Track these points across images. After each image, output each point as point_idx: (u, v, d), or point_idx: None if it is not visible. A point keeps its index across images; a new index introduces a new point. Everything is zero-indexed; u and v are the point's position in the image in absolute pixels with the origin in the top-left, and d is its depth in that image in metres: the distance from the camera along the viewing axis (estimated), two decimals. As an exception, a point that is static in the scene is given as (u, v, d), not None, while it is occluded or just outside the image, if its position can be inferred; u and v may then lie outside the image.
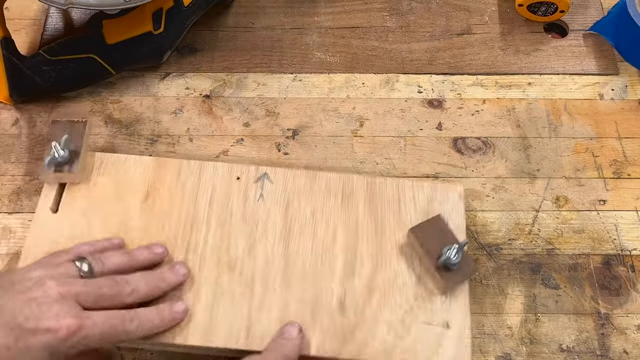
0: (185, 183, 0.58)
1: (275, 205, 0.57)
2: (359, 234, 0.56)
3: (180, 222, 0.56)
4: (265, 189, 0.58)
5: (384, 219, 0.57)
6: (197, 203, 0.57)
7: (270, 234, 0.56)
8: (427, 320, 0.52)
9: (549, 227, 0.60)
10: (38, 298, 0.45)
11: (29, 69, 0.63)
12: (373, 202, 0.58)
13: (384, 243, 0.56)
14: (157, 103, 0.67)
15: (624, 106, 0.68)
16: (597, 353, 0.54)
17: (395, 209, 0.57)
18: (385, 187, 0.58)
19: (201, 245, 0.55)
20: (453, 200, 0.58)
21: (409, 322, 0.52)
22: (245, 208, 0.57)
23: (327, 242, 0.56)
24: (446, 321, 0.52)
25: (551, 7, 0.71)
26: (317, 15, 0.74)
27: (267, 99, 0.68)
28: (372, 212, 0.57)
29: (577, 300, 0.57)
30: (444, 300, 0.53)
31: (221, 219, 0.56)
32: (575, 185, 0.63)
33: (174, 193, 0.57)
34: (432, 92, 0.68)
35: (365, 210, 0.57)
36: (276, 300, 0.53)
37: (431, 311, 0.53)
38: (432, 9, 0.75)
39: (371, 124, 0.66)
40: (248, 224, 0.56)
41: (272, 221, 0.56)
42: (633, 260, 0.59)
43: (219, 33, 0.72)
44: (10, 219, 0.60)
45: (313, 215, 0.57)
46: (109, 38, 0.65)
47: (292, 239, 0.56)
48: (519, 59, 0.71)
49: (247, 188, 0.58)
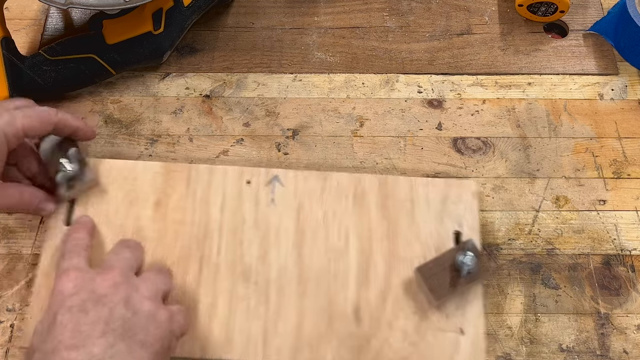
0: (196, 190, 0.57)
1: (286, 209, 0.56)
2: (372, 238, 0.55)
3: (193, 230, 0.55)
4: (276, 192, 0.57)
5: (397, 220, 0.56)
6: (209, 210, 0.56)
7: (283, 241, 0.55)
8: (442, 326, 0.52)
9: (548, 227, 0.60)
10: None
11: (29, 69, 0.63)
12: (385, 203, 0.57)
13: (397, 246, 0.55)
14: (157, 103, 0.67)
15: (624, 106, 0.68)
16: (597, 353, 0.54)
17: (408, 208, 0.56)
18: (398, 186, 0.57)
19: (214, 255, 0.54)
20: (466, 200, 0.57)
21: (424, 328, 0.52)
22: (257, 213, 0.56)
23: (340, 247, 0.55)
24: (460, 327, 0.52)
25: (551, 7, 0.71)
26: (317, 15, 0.74)
27: (267, 99, 0.68)
28: (384, 213, 0.56)
29: (577, 300, 0.57)
30: (458, 305, 0.53)
31: (233, 226, 0.56)
32: (575, 185, 0.63)
33: (185, 200, 0.57)
34: (432, 92, 0.68)
35: (378, 211, 0.56)
36: (292, 309, 0.52)
37: (446, 316, 0.52)
38: (432, 9, 0.75)
39: (371, 124, 0.66)
40: (260, 229, 0.56)
41: (285, 227, 0.56)
42: (633, 260, 0.59)
43: (219, 33, 0.72)
44: (10, 219, 0.60)
45: (325, 218, 0.56)
46: (109, 38, 0.65)
47: (304, 245, 0.55)
48: (519, 59, 0.71)
49: (258, 192, 0.57)
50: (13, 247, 0.58)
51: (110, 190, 0.57)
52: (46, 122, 0.52)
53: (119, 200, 0.56)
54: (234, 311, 0.52)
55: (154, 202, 0.56)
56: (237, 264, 0.54)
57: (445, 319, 0.52)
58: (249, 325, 0.52)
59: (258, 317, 0.52)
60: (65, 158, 0.55)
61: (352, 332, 0.52)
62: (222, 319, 0.52)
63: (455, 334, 0.52)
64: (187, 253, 0.54)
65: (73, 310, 0.44)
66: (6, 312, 0.55)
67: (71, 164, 0.55)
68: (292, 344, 0.51)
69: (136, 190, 0.57)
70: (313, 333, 0.52)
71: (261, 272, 0.54)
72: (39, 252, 0.58)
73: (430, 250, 0.55)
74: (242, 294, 0.53)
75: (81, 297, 0.45)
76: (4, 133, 0.50)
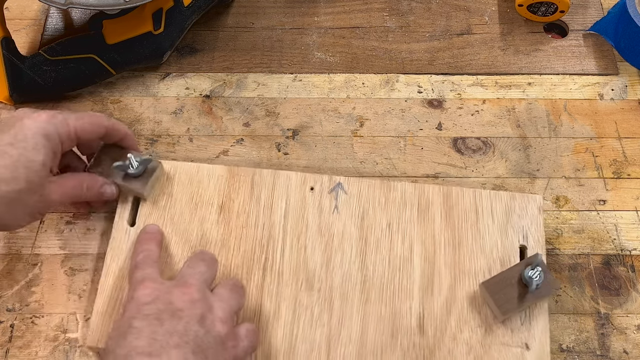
0: (260, 194, 0.57)
1: (350, 217, 0.56)
2: (436, 248, 0.55)
3: (257, 235, 0.56)
4: (340, 199, 0.57)
5: (461, 231, 0.56)
6: (273, 215, 0.56)
7: (346, 247, 0.55)
8: (507, 341, 0.51)
9: (548, 227, 0.60)
10: None
11: (29, 69, 0.63)
12: (450, 214, 0.56)
13: (462, 258, 0.55)
14: (157, 103, 0.67)
15: (624, 106, 0.68)
16: (597, 353, 0.54)
17: (472, 220, 0.56)
18: (463, 197, 0.57)
19: (278, 260, 0.54)
20: (532, 214, 0.56)
21: (489, 342, 0.51)
22: (320, 220, 0.56)
23: (404, 256, 0.55)
24: (525, 342, 0.52)
25: (551, 7, 0.71)
26: (317, 15, 0.74)
27: (267, 99, 0.68)
28: (448, 224, 0.56)
29: (577, 300, 0.57)
30: (523, 319, 0.52)
31: (297, 232, 0.56)
32: (575, 185, 0.63)
33: (248, 204, 0.57)
34: (432, 92, 0.68)
35: (442, 222, 0.56)
36: (356, 318, 0.52)
37: (511, 331, 0.52)
38: (432, 9, 0.75)
39: (371, 124, 0.66)
40: (324, 236, 0.55)
41: (348, 234, 0.56)
42: (633, 260, 0.59)
43: (219, 33, 0.72)
44: (10, 219, 0.60)
45: (389, 227, 0.56)
46: (109, 38, 0.65)
47: (368, 253, 0.55)
48: (519, 59, 0.71)
49: (321, 199, 0.57)
50: (13, 247, 0.58)
51: (175, 192, 0.57)
52: (98, 125, 0.53)
53: (183, 204, 0.57)
54: (298, 318, 0.52)
55: (218, 205, 0.57)
56: (301, 270, 0.54)
57: (511, 334, 0.52)
58: (313, 333, 0.52)
59: (322, 325, 0.52)
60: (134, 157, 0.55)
61: (416, 342, 0.51)
62: (286, 326, 0.52)
63: (521, 349, 0.51)
64: (250, 257, 0.55)
65: (149, 318, 0.44)
66: (6, 312, 0.55)
67: (136, 163, 0.55)
68: (356, 353, 0.51)
69: (201, 194, 0.57)
70: (377, 342, 0.51)
71: (324, 279, 0.54)
72: (39, 252, 0.58)
73: (496, 263, 0.55)
74: (305, 302, 0.53)
75: (158, 306, 0.45)
76: (58, 134, 0.50)
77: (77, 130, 0.52)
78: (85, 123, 0.52)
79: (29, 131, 0.49)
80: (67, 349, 0.54)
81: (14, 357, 0.53)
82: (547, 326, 0.52)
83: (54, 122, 0.50)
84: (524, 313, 0.53)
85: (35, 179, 0.49)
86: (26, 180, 0.48)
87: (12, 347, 0.54)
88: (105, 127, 0.53)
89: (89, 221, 0.59)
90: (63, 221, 0.60)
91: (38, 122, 0.50)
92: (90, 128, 0.52)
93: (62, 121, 0.51)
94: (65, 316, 0.55)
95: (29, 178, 0.48)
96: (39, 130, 0.49)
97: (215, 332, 0.46)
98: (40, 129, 0.49)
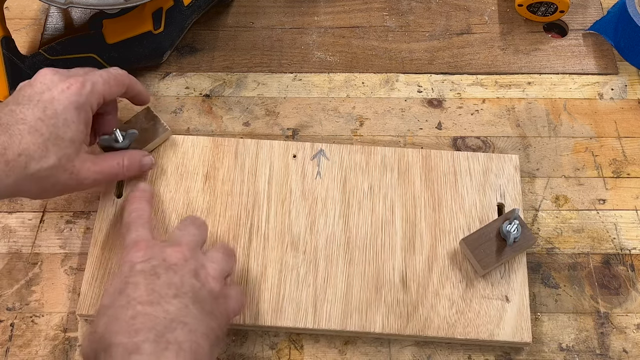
0: (244, 162, 0.59)
1: (332, 181, 0.58)
2: (416, 208, 0.57)
3: (242, 201, 0.57)
4: (322, 165, 0.59)
5: (440, 192, 0.58)
6: (257, 182, 0.58)
7: (330, 211, 0.57)
8: (487, 294, 0.54)
9: (548, 227, 0.60)
10: None
11: (29, 68, 0.63)
12: (429, 176, 0.59)
13: (442, 217, 0.57)
14: (157, 102, 0.67)
15: (624, 106, 0.68)
16: (597, 352, 0.55)
17: (451, 181, 0.58)
18: (441, 159, 0.59)
19: (264, 224, 0.56)
20: (509, 173, 0.59)
21: (470, 296, 0.54)
22: (303, 185, 0.58)
23: (386, 217, 0.57)
24: (505, 294, 0.53)
25: (551, 7, 0.71)
26: (317, 15, 0.74)
27: (267, 98, 0.68)
28: (428, 185, 0.58)
29: (576, 300, 0.57)
30: (503, 273, 0.54)
31: (281, 197, 0.57)
32: (575, 185, 0.63)
33: (233, 172, 0.59)
34: (432, 91, 0.68)
35: (422, 183, 0.58)
36: (340, 277, 0.54)
37: (491, 285, 0.54)
38: (432, 8, 0.75)
39: (371, 123, 0.66)
40: (308, 200, 0.57)
41: (331, 197, 0.58)
42: (632, 259, 0.59)
43: (218, 32, 0.72)
44: (10, 219, 0.60)
45: (371, 190, 0.58)
46: (109, 38, 0.65)
47: (351, 215, 0.57)
48: (519, 59, 0.71)
49: (304, 165, 0.59)
50: (13, 246, 0.58)
51: (161, 164, 0.59)
52: (122, 84, 0.54)
53: (169, 174, 0.58)
54: (284, 279, 0.54)
55: (203, 174, 0.58)
56: (286, 233, 0.56)
57: (491, 287, 0.54)
58: (299, 293, 0.54)
59: (308, 285, 0.54)
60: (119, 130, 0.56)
61: (399, 299, 0.53)
62: (273, 287, 0.54)
63: (501, 302, 0.53)
64: (236, 222, 0.56)
65: (145, 274, 0.45)
66: (6, 311, 0.55)
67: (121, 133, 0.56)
68: (342, 310, 0.53)
69: (186, 164, 0.59)
70: (362, 300, 0.53)
71: (309, 242, 0.56)
72: (39, 251, 0.58)
73: (475, 221, 0.57)
74: (291, 263, 0.55)
75: (152, 263, 0.46)
76: (89, 104, 0.51)
77: (105, 95, 0.52)
78: (112, 86, 0.53)
79: (60, 105, 0.49)
80: (67, 348, 0.54)
81: (14, 356, 0.54)
82: (526, 279, 0.54)
83: (84, 92, 0.50)
84: (504, 267, 0.55)
85: (65, 156, 0.49)
86: (56, 157, 0.48)
87: (12, 346, 0.54)
88: (126, 86, 0.54)
89: (89, 220, 0.60)
90: (63, 220, 0.60)
91: (68, 94, 0.49)
92: (116, 90, 0.53)
93: (91, 90, 0.51)
94: (65, 315, 0.55)
95: (59, 155, 0.48)
96: (71, 103, 0.49)
97: (209, 287, 0.46)
98: (71, 102, 0.49)
